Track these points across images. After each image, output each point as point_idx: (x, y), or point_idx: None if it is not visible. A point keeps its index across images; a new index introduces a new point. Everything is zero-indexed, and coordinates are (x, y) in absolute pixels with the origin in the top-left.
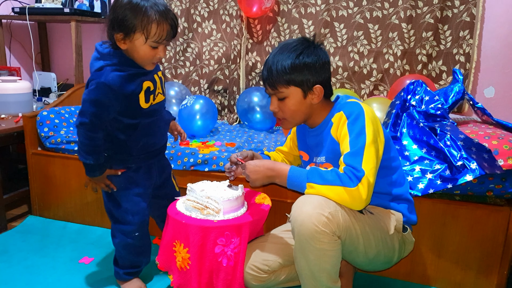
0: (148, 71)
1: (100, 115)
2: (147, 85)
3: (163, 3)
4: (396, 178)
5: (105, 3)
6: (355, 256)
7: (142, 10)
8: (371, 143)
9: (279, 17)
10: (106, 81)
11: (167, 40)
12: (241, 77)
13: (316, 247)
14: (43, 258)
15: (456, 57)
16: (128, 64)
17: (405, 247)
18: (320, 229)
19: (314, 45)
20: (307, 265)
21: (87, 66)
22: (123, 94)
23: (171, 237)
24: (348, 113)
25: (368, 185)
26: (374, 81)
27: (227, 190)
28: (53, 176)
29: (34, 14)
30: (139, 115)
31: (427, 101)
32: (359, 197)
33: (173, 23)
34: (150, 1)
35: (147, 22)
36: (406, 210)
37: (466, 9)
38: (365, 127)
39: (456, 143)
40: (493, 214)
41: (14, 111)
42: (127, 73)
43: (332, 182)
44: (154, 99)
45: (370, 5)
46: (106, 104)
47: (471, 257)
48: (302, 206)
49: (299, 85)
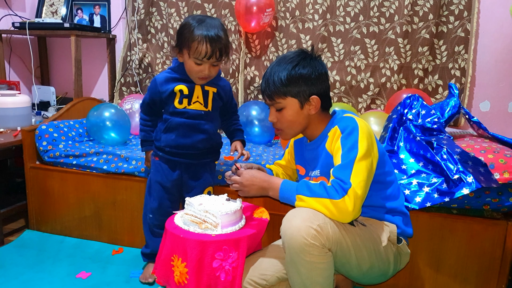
0: (191, 80)
1: (146, 100)
2: (180, 88)
3: (214, 24)
4: (391, 192)
5: (104, 18)
6: (348, 269)
7: (189, 30)
8: (363, 157)
9: (277, 32)
10: (156, 76)
11: (207, 58)
12: (239, 91)
13: (306, 260)
14: (40, 273)
15: (451, 71)
16: (179, 71)
17: (400, 259)
18: (310, 242)
19: (311, 57)
20: (299, 278)
21: (86, 80)
22: (161, 90)
23: (169, 251)
24: (343, 128)
25: (355, 197)
26: (371, 95)
27: (225, 204)
28: (51, 190)
29: (34, 29)
30: (172, 112)
31: (424, 115)
32: (345, 209)
33: (214, 44)
34: (203, 23)
35: (191, 40)
36: (401, 222)
37: (461, 24)
38: (358, 142)
39: (452, 156)
40: (490, 228)
41: (13, 125)
42: (172, 75)
43: (319, 195)
44: (190, 104)
45: (366, 20)
46: (151, 93)
47: (469, 271)
48: (292, 220)
49: (296, 96)
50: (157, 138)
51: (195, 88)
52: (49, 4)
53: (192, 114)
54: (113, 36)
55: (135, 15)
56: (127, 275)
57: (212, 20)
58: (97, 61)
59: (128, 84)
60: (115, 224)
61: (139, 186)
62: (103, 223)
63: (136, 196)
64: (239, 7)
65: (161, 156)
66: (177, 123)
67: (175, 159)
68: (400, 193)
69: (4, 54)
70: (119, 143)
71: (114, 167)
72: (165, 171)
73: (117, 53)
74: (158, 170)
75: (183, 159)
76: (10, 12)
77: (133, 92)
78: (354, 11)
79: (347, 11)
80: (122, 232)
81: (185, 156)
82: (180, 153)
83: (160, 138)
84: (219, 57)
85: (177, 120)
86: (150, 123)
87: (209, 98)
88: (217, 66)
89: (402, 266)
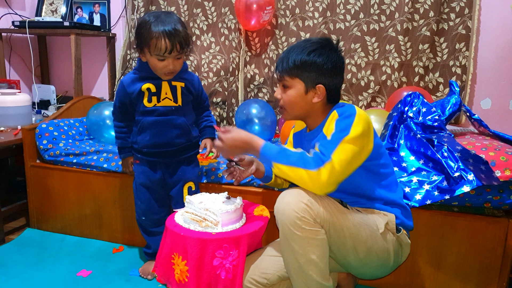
0: (157, 77)
1: (116, 105)
2: (147, 86)
3: (170, 19)
4: (387, 184)
5: (104, 16)
6: (345, 254)
7: (146, 28)
8: (352, 140)
9: (277, 30)
10: (122, 79)
11: (169, 53)
12: (239, 89)
13: (299, 235)
14: (41, 271)
15: (452, 69)
16: (144, 70)
17: (402, 250)
18: (300, 215)
19: (331, 48)
20: (294, 257)
21: (86, 79)
22: (129, 91)
23: (170, 249)
24: (341, 112)
25: (332, 170)
26: (371, 93)
27: (225, 202)
28: (51, 189)
29: (34, 28)
30: (143, 112)
31: (424, 112)
32: (318, 180)
33: (172, 38)
34: (158, 18)
35: (149, 38)
36: (400, 213)
37: (462, 22)
38: (352, 126)
39: (453, 154)
40: (491, 225)
41: (13, 123)
42: (138, 75)
43: (295, 164)
44: (159, 101)
45: (367, 18)
46: (119, 96)
47: (470, 269)
48: (283, 197)
49: (303, 80)
50: (134, 141)
51: (162, 85)
52: (49, 3)
53: (163, 111)
54: (113, 34)
55: (134, 13)
56: (127, 273)
57: (167, 16)
58: (97, 59)
59: None
60: (115, 223)
61: None
62: (103, 222)
63: None
64: (239, 5)
65: (140, 158)
66: (149, 122)
67: (154, 160)
68: (398, 188)
69: (4, 53)
70: None
71: (114, 165)
72: (147, 172)
73: (117, 52)
74: (140, 173)
75: (161, 158)
76: (10, 11)
77: None
78: (354, 8)
79: (347, 9)
80: (122, 231)
81: (164, 154)
82: (158, 152)
83: (136, 140)
84: (180, 49)
85: (148, 119)
86: (125, 129)
87: (178, 92)
88: (181, 59)
89: (404, 258)
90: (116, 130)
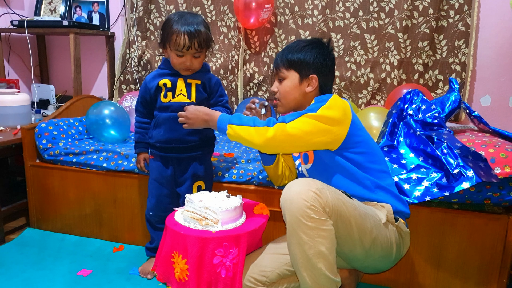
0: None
1: (139, 100)
2: (164, 82)
3: (193, 19)
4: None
5: (103, 15)
6: (351, 247)
7: (169, 25)
8: (315, 116)
9: (276, 28)
10: (146, 76)
11: (186, 49)
12: (239, 87)
13: (307, 225)
14: (41, 270)
15: (452, 66)
16: (166, 67)
17: (403, 241)
18: (310, 203)
19: (322, 46)
20: (301, 250)
21: (85, 78)
22: (149, 86)
23: (170, 248)
24: (317, 99)
25: (279, 129)
26: (371, 90)
27: (225, 200)
28: (51, 188)
29: (32, 27)
30: (159, 107)
31: (424, 110)
32: (263, 134)
33: (191, 35)
34: (182, 18)
35: (171, 33)
36: (394, 199)
37: (461, 19)
38: (320, 107)
39: (452, 151)
40: (491, 222)
41: (13, 123)
42: (160, 72)
43: (246, 123)
44: (174, 97)
45: (366, 16)
46: (142, 92)
47: (470, 266)
48: (291, 187)
49: (298, 71)
50: (150, 135)
51: (178, 81)
52: (48, 2)
53: (177, 107)
54: (112, 33)
55: (133, 12)
56: (128, 272)
57: (192, 16)
58: (96, 58)
59: (127, 81)
60: (115, 222)
61: (139, 183)
62: (103, 221)
63: (136, 194)
64: (238, 3)
65: (154, 153)
66: (164, 118)
67: (166, 155)
68: (388, 176)
69: (3, 52)
70: (119, 141)
71: (114, 164)
72: (159, 168)
73: (116, 51)
74: (154, 168)
75: (174, 153)
76: (9, 10)
77: (132, 89)
78: (353, 6)
79: (346, 6)
80: (122, 230)
81: (176, 150)
82: (170, 147)
83: (152, 135)
84: (199, 48)
85: (163, 115)
86: (145, 125)
87: (192, 89)
88: (200, 58)
89: (405, 249)
90: (136, 125)
